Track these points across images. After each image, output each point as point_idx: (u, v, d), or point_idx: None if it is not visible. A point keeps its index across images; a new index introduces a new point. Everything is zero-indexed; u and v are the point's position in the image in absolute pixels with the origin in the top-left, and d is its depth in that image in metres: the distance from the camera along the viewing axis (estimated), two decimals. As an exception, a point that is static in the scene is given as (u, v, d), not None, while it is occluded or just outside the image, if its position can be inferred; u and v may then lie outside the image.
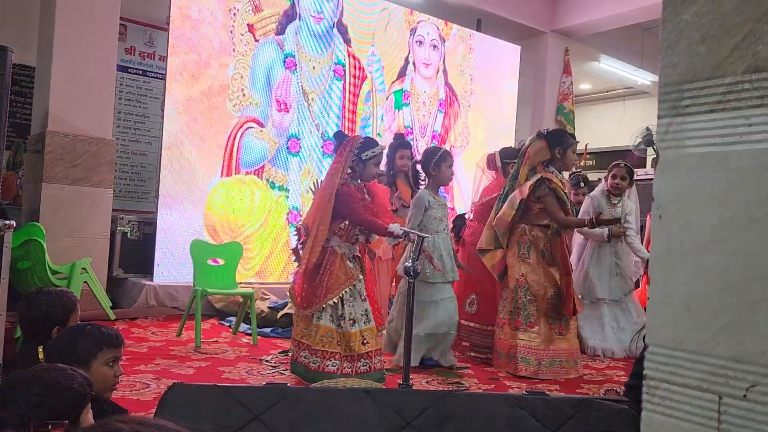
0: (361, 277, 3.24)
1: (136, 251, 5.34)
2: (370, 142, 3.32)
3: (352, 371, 3.09)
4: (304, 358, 3.14)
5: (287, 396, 1.20)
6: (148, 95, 6.35)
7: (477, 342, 4.13)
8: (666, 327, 0.73)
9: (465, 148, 7.29)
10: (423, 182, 3.93)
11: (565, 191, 3.85)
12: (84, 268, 4.36)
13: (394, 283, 4.24)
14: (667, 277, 0.75)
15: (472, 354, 4.11)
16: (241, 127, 5.57)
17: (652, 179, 8.12)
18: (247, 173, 5.59)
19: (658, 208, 0.81)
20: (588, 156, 8.21)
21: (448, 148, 7.15)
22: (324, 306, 3.12)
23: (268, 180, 5.68)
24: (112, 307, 4.60)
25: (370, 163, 3.28)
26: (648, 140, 8.44)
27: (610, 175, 4.67)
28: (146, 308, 4.95)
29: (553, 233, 3.75)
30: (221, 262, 4.52)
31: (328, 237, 3.19)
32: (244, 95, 5.59)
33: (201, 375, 3.24)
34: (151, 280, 5.12)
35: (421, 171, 3.99)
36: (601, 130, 10.79)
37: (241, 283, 4.89)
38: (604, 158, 10.23)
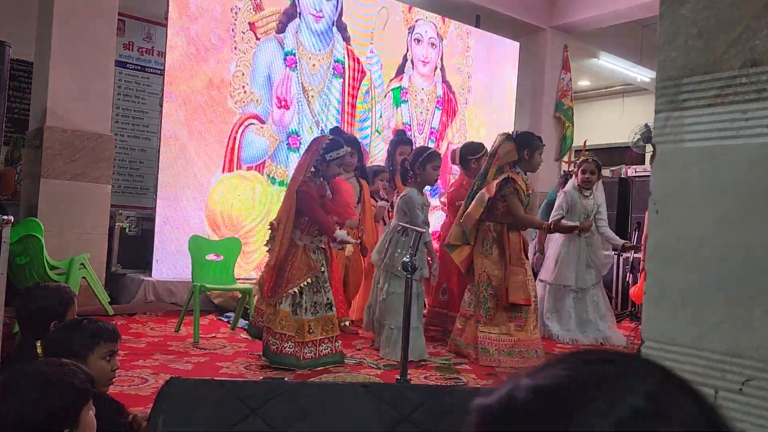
0: (323, 269, 3.48)
1: (134, 247, 5.35)
2: (335, 144, 3.53)
3: (300, 356, 3.36)
4: (267, 340, 3.42)
5: (285, 390, 1.20)
6: (147, 91, 6.34)
7: (449, 328, 4.31)
8: (662, 322, 0.73)
9: (456, 146, 7.32)
10: (410, 180, 4.06)
11: (529, 193, 4.03)
12: (82, 264, 4.35)
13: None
14: (663, 272, 0.75)
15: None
16: (242, 123, 5.60)
17: (650, 176, 8.19)
18: (248, 169, 5.63)
19: (654, 203, 0.81)
20: (587, 152, 8.19)
21: (445, 145, 7.40)
22: (285, 294, 3.38)
23: (268, 175, 5.73)
24: (110, 303, 4.60)
25: (333, 163, 3.51)
26: (646, 137, 8.44)
27: (579, 171, 4.90)
28: (144, 304, 4.95)
29: (510, 227, 3.92)
30: (220, 258, 4.52)
31: (292, 231, 3.41)
32: (245, 92, 5.62)
33: (199, 370, 3.25)
34: (150, 276, 5.12)
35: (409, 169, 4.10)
36: (600, 126, 10.79)
37: (239, 279, 4.89)
38: (602, 154, 10.23)
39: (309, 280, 3.41)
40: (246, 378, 3.10)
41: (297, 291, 3.39)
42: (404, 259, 2.64)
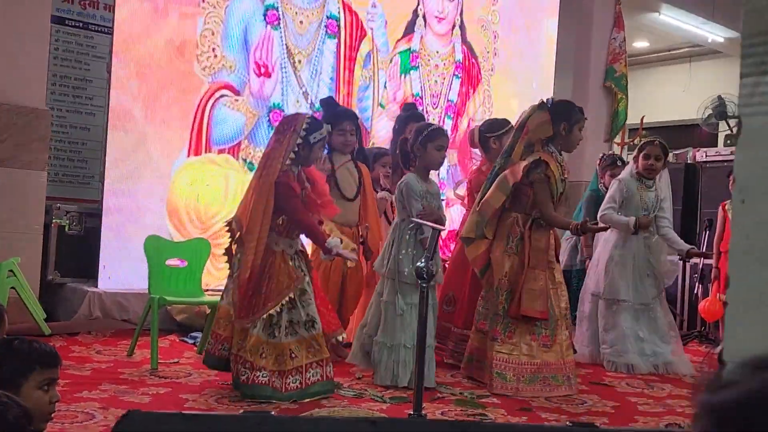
0: (307, 278, 3.55)
1: (76, 250, 5.36)
2: (316, 123, 3.62)
3: (281, 388, 3.39)
4: (237, 370, 3.45)
5: (270, 426, 1.20)
6: (91, 54, 6.34)
7: (453, 348, 4.36)
8: (753, 337, 0.72)
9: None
10: (413, 165, 4.12)
11: (564, 178, 4.04)
12: (11, 271, 4.37)
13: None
14: (751, 275, 0.75)
15: (449, 361, 4.34)
16: (212, 95, 5.58)
17: (725, 161, 8.11)
18: (219, 152, 5.63)
19: (740, 191, 0.80)
20: (644, 132, 8.18)
21: (465, 122, 7.38)
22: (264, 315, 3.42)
23: (245, 160, 5.72)
24: (46, 320, 4.62)
25: (317, 146, 3.60)
26: (720, 112, 8.45)
27: (642, 155, 4.85)
28: (89, 321, 4.97)
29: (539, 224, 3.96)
30: (184, 263, 4.53)
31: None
32: (215, 56, 5.61)
33: (159, 403, 3.26)
34: (96, 286, 5.14)
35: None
36: (660, 99, 10.77)
37: (208, 291, 4.90)
38: (664, 134, 10.21)
39: (292, 295, 3.46)
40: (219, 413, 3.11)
41: (279, 309, 3.43)
42: (418, 263, 2.66)
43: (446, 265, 4.78)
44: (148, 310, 4.17)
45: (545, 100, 4.09)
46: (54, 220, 5.31)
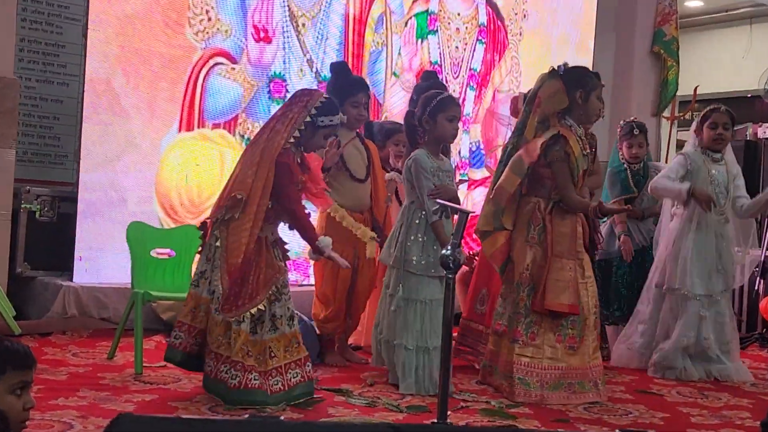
0: (285, 267, 3.67)
1: (48, 239, 5.37)
2: (331, 107, 3.68)
3: (268, 390, 3.43)
4: (224, 373, 3.46)
5: (280, 433, 1.21)
6: (63, 15, 6.34)
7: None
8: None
9: (515, 93, 7.25)
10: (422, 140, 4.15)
11: (588, 152, 4.05)
12: (-24, 262, 4.39)
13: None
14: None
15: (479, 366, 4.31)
16: (205, 63, 5.59)
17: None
18: (214, 126, 5.65)
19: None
20: (697, 105, 8.14)
21: (490, 93, 7.33)
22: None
23: (242, 135, 5.73)
24: (15, 317, 4.64)
25: (323, 132, 3.67)
26: (786, 81, 8.37)
27: (707, 124, 4.82)
28: (64, 320, 4.98)
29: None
30: (171, 253, 4.54)
31: None
32: (209, 19, 5.61)
33: (145, 412, 3.25)
34: (71, 280, 5.15)
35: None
36: (716, 66, 10.70)
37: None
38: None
39: (275, 287, 3.53)
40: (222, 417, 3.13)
41: (264, 304, 3.49)
42: (443, 251, 2.66)
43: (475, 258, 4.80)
44: (131, 307, 4.18)
45: (557, 67, 4.09)
46: (23, 205, 5.32)
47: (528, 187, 4.02)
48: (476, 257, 4.77)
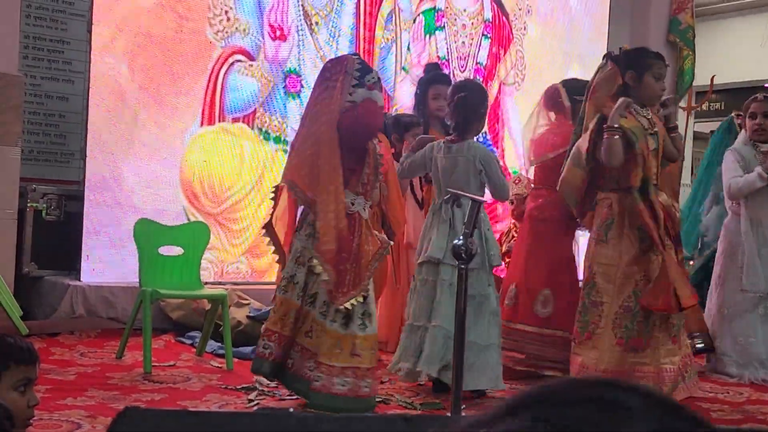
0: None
1: (55, 238, 5.39)
2: (366, 65, 3.65)
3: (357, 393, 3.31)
4: (309, 370, 3.31)
5: (292, 426, 1.20)
6: (68, 11, 6.36)
7: (542, 354, 4.32)
8: None
9: (520, 86, 7.37)
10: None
11: (655, 131, 3.92)
12: (-18, 262, 4.40)
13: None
14: None
15: (521, 368, 4.32)
16: (225, 60, 5.78)
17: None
18: (233, 121, 5.83)
19: None
20: (714, 95, 8.09)
21: (496, 86, 7.34)
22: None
23: (260, 129, 5.92)
24: (23, 318, 4.66)
25: (376, 90, 3.56)
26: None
27: (747, 115, 4.80)
28: (72, 320, 5.01)
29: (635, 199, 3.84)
30: (179, 251, 4.55)
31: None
32: (228, 19, 5.78)
33: (154, 412, 3.29)
34: (78, 279, 5.18)
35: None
36: (733, 55, 10.63)
37: (208, 283, 4.93)
38: (737, 97, 10.10)
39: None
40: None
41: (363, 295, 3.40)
42: (455, 240, 2.64)
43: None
44: (139, 306, 4.19)
45: (612, 51, 4.05)
46: (29, 204, 5.33)
47: (597, 181, 3.94)
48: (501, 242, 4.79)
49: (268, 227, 3.67)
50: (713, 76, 7.86)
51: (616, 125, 3.74)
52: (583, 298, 3.91)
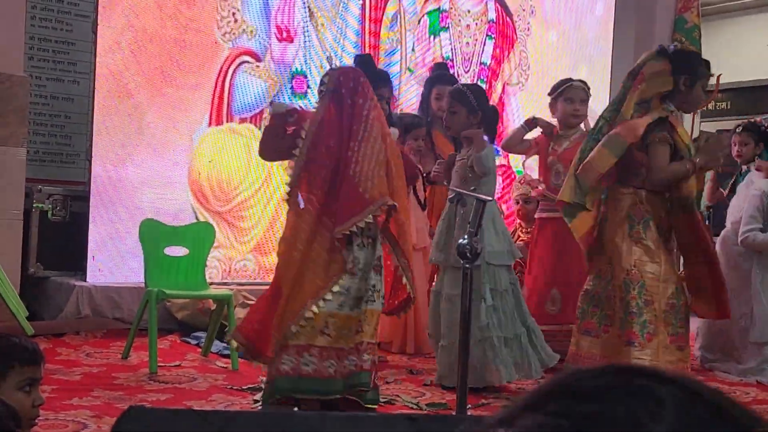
0: None
1: (60, 238, 5.41)
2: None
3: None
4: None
5: (295, 425, 1.21)
6: (73, 12, 6.38)
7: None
8: None
9: (524, 86, 7.40)
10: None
11: (688, 143, 3.87)
12: (-12, 263, 4.41)
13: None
14: None
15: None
16: (232, 61, 5.84)
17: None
18: (241, 121, 5.89)
19: None
20: (720, 95, 8.07)
21: (500, 86, 7.34)
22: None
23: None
24: (28, 318, 4.67)
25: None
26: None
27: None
28: (77, 320, 5.02)
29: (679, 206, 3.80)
30: (184, 251, 4.56)
31: None
32: (235, 21, 5.83)
33: (160, 412, 3.30)
34: (84, 280, 5.19)
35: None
36: (739, 54, 10.60)
37: (213, 284, 4.93)
38: (745, 97, 10.08)
39: None
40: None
41: None
42: (460, 240, 2.64)
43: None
44: (145, 306, 4.20)
45: (667, 47, 3.93)
46: (35, 205, 5.35)
47: (619, 176, 3.87)
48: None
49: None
50: (719, 75, 7.80)
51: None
52: (635, 298, 3.75)
